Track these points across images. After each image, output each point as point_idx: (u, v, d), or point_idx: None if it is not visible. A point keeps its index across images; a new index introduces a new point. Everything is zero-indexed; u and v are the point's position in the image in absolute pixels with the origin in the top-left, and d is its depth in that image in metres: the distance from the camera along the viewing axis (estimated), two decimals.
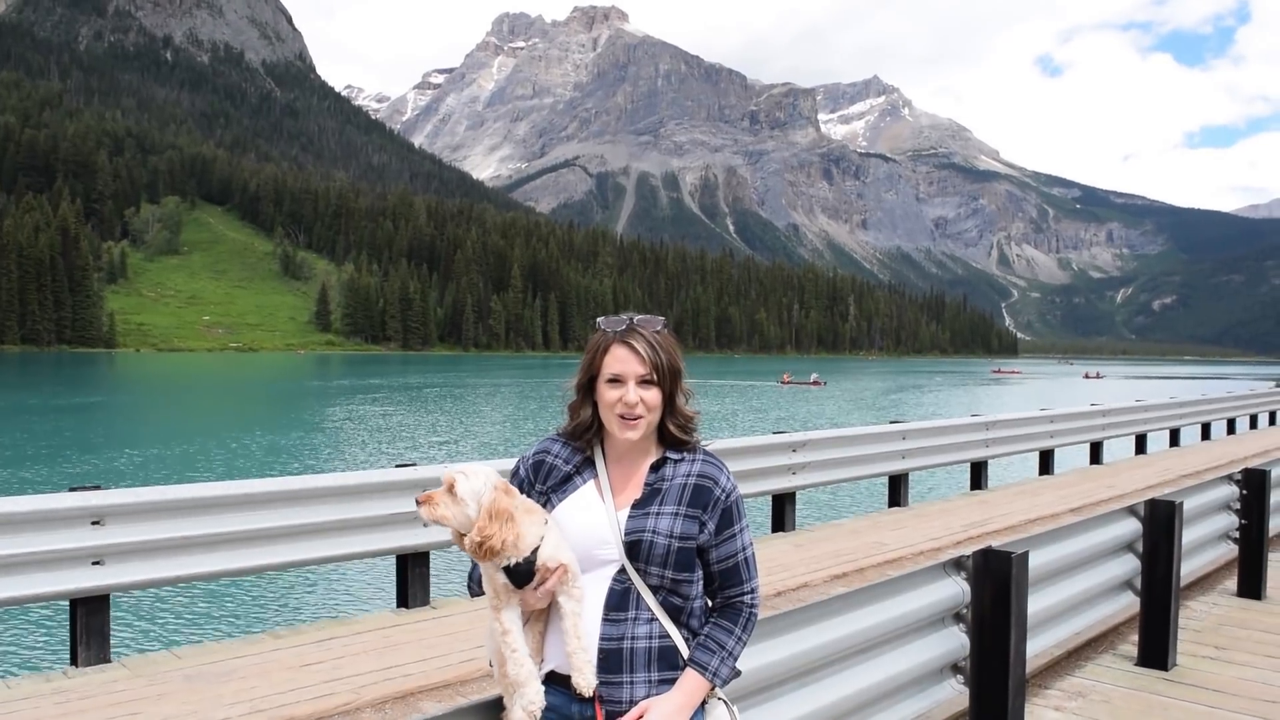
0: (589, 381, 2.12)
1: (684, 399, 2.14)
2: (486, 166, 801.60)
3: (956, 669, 3.96)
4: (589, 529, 2.08)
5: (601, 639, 2.04)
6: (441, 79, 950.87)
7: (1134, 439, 17.55)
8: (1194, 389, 54.52)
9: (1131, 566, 5.44)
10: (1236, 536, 6.82)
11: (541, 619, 2.09)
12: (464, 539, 1.99)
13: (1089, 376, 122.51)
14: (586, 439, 2.16)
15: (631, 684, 2.04)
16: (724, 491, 2.11)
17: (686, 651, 2.08)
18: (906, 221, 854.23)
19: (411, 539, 6.43)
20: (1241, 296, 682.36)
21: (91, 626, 5.22)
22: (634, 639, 2.04)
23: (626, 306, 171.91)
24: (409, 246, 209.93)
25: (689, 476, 2.11)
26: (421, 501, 2.00)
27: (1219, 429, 22.27)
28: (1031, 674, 4.76)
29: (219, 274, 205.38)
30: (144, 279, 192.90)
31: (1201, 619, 6.23)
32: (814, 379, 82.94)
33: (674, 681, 2.06)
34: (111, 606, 5.40)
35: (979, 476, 12.63)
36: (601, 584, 2.06)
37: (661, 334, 2.10)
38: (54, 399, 47.96)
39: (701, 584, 2.13)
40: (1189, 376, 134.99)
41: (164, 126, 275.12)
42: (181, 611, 10.30)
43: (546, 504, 2.12)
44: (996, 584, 3.82)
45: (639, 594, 2.05)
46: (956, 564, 3.94)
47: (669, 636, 2.06)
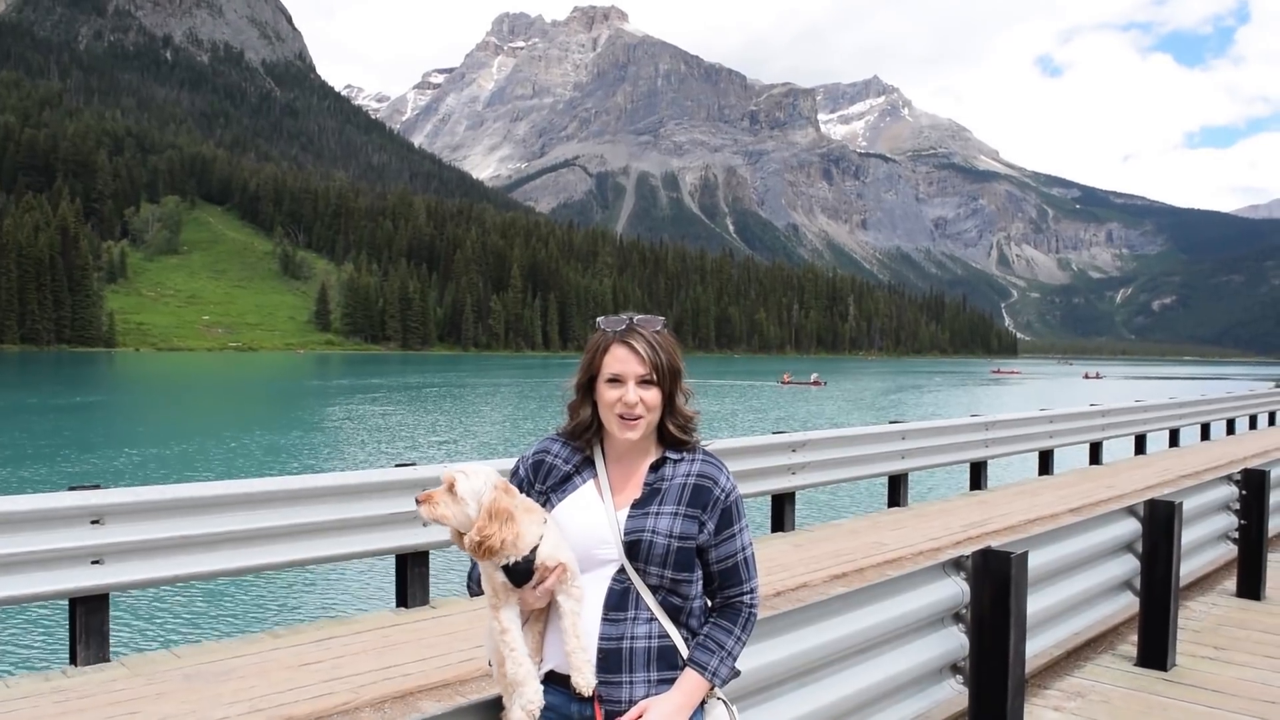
0: (589, 381, 2.12)
1: (684, 399, 2.14)
2: (486, 166, 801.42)
3: (956, 669, 3.97)
4: (588, 528, 2.08)
5: (601, 639, 2.04)
6: (441, 79, 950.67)
7: (1133, 439, 17.56)
8: (1193, 389, 54.53)
9: (1131, 567, 5.44)
10: (1236, 537, 6.82)
11: (541, 618, 2.09)
12: (463, 538, 1.99)
13: (1089, 377, 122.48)
14: (586, 439, 2.16)
15: (631, 684, 2.04)
16: (724, 491, 2.11)
17: (686, 651, 2.08)
18: (906, 222, 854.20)
19: (411, 539, 6.43)
20: (1241, 297, 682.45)
21: (91, 626, 5.22)
22: (633, 639, 2.04)
23: (626, 306, 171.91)
24: (409, 246, 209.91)
25: (689, 476, 2.11)
26: (421, 501, 2.00)
27: (1218, 429, 22.29)
28: (1031, 674, 4.76)
29: (218, 274, 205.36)
30: (143, 278, 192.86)
31: (1201, 619, 6.23)
32: (814, 379, 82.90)
33: (673, 681, 2.06)
34: (111, 606, 5.40)
35: (978, 477, 12.63)
36: (601, 583, 2.06)
37: (661, 334, 2.10)
38: (53, 398, 47.94)
39: (701, 584, 2.12)
40: (1188, 377, 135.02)
41: (164, 126, 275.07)
42: (180, 611, 10.30)
43: (546, 503, 2.12)
44: (996, 584, 3.82)
45: (638, 594, 2.05)
46: (956, 564, 3.94)
47: (668, 636, 2.06)
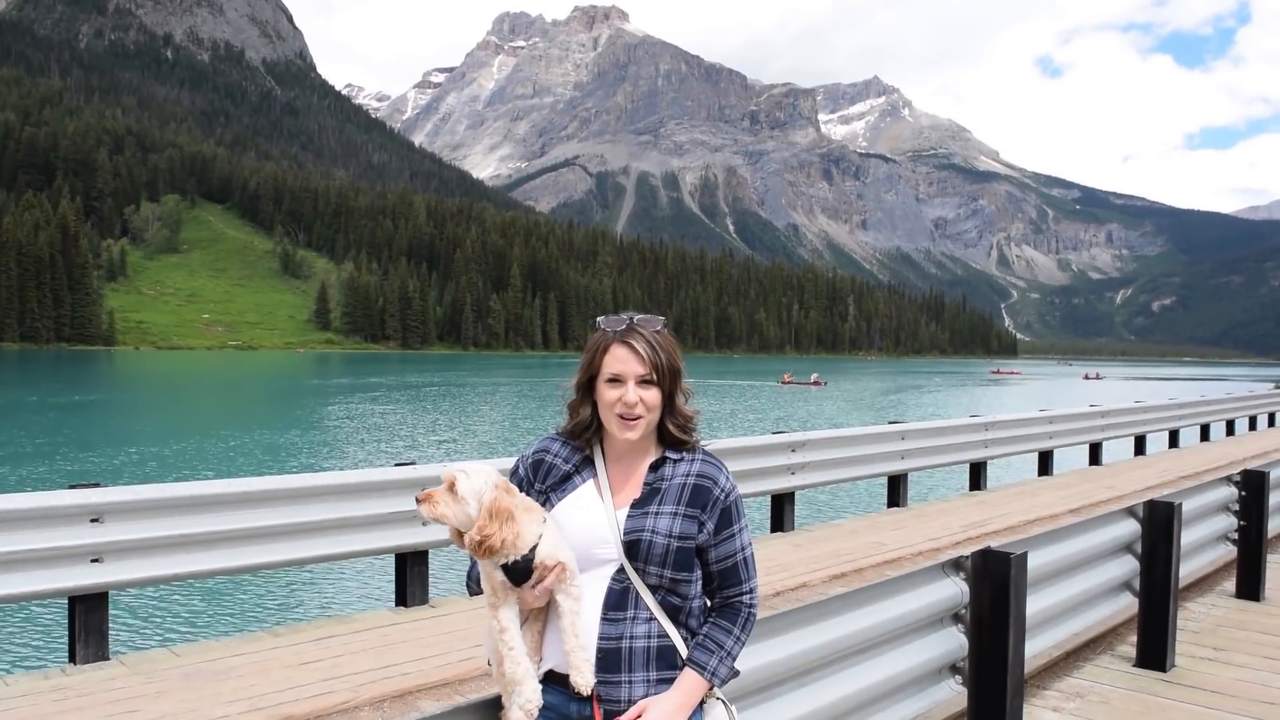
0: (588, 381, 2.12)
1: (683, 399, 2.14)
2: (486, 166, 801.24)
3: (955, 669, 3.96)
4: (588, 528, 2.08)
5: (600, 638, 2.04)
6: (442, 78, 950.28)
7: (1133, 440, 17.56)
8: (1193, 390, 54.54)
9: (1130, 567, 5.44)
10: (1235, 538, 6.81)
11: (540, 618, 2.09)
12: (464, 537, 1.99)
13: (1088, 377, 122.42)
14: (586, 438, 2.16)
15: (630, 683, 2.04)
16: (723, 491, 2.11)
17: (685, 651, 2.08)
18: (906, 222, 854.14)
19: (410, 538, 6.43)
20: (1241, 298, 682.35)
21: (90, 624, 5.22)
22: (632, 638, 2.04)
23: (626, 306, 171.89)
24: (408, 245, 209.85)
25: (688, 476, 2.11)
26: (422, 500, 2.00)
27: (1218, 430, 22.29)
28: (1030, 675, 4.76)
29: (218, 272, 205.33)
30: (143, 277, 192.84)
31: (1200, 620, 6.23)
32: (814, 379, 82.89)
33: (672, 681, 2.06)
34: (110, 604, 5.40)
35: (978, 477, 12.63)
36: (600, 583, 2.06)
37: (661, 334, 2.10)
38: (53, 397, 47.93)
39: (700, 584, 2.12)
40: (1188, 378, 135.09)
41: (164, 125, 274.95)
42: (180, 609, 10.30)
43: (545, 503, 2.12)
44: (995, 585, 3.82)
45: (638, 593, 2.05)
46: (955, 564, 3.94)
47: (667, 636, 2.06)
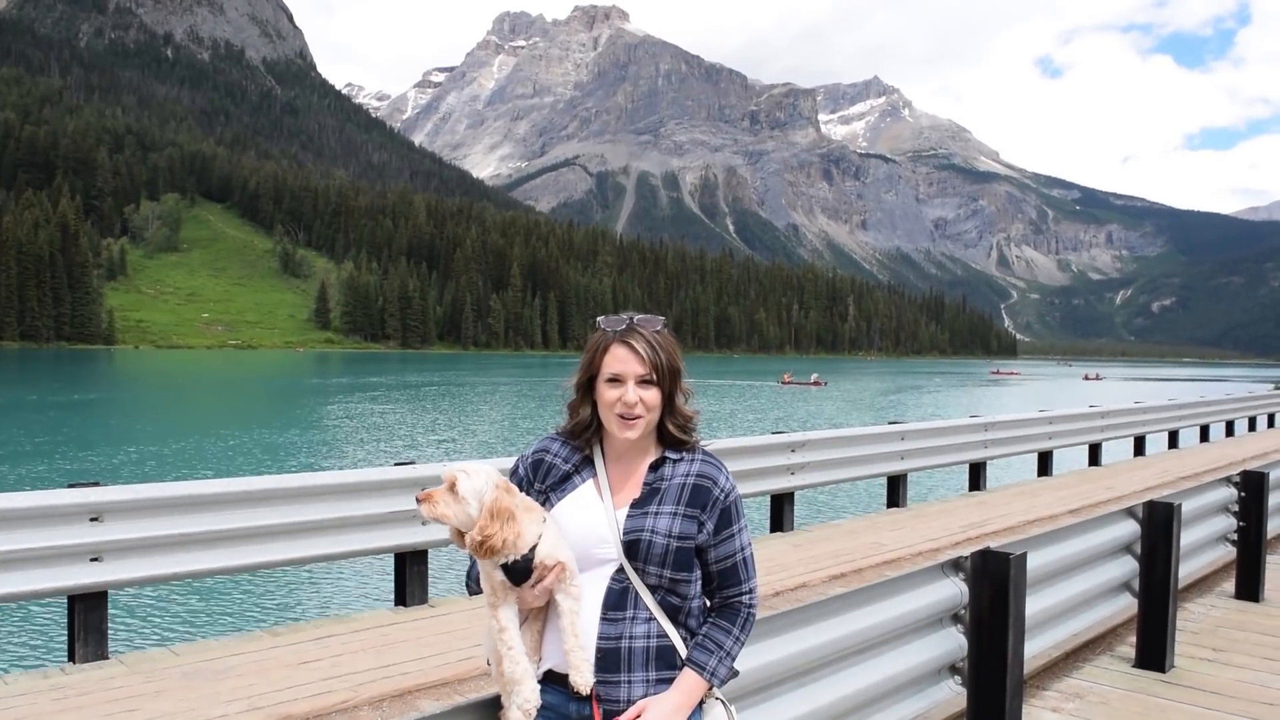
0: (588, 381, 2.12)
1: (683, 399, 2.14)
2: (486, 165, 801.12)
3: (954, 670, 3.96)
4: (588, 528, 2.08)
5: (599, 638, 2.04)
6: (442, 77, 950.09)
7: (1133, 441, 17.56)
8: (1193, 391, 54.55)
9: (1130, 568, 5.44)
10: (1234, 539, 6.81)
11: (540, 617, 2.09)
12: (464, 537, 1.99)
13: (1088, 378, 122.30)
14: (586, 438, 2.16)
15: (629, 683, 2.04)
16: (723, 491, 2.11)
17: (684, 651, 2.08)
18: (906, 222, 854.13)
19: (410, 537, 6.43)
20: (1241, 299, 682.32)
21: (89, 623, 5.21)
22: (632, 638, 2.04)
23: (626, 306, 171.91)
24: (408, 245, 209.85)
25: (688, 476, 2.11)
26: (422, 499, 1.99)
27: (1217, 431, 22.28)
28: (1029, 675, 4.76)
29: (218, 271, 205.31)
30: (143, 276, 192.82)
31: (1199, 621, 6.24)
32: (814, 379, 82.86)
33: (672, 681, 2.06)
34: (109, 603, 5.40)
35: (977, 477, 12.63)
36: (600, 583, 2.06)
37: (661, 334, 2.10)
38: (53, 395, 47.92)
39: (700, 584, 2.12)
40: (1188, 379, 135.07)
41: (164, 124, 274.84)
42: (179, 609, 10.30)
43: (545, 502, 2.12)
44: (995, 585, 3.82)
45: (637, 593, 2.05)
46: (955, 565, 3.94)
47: (667, 636, 2.06)
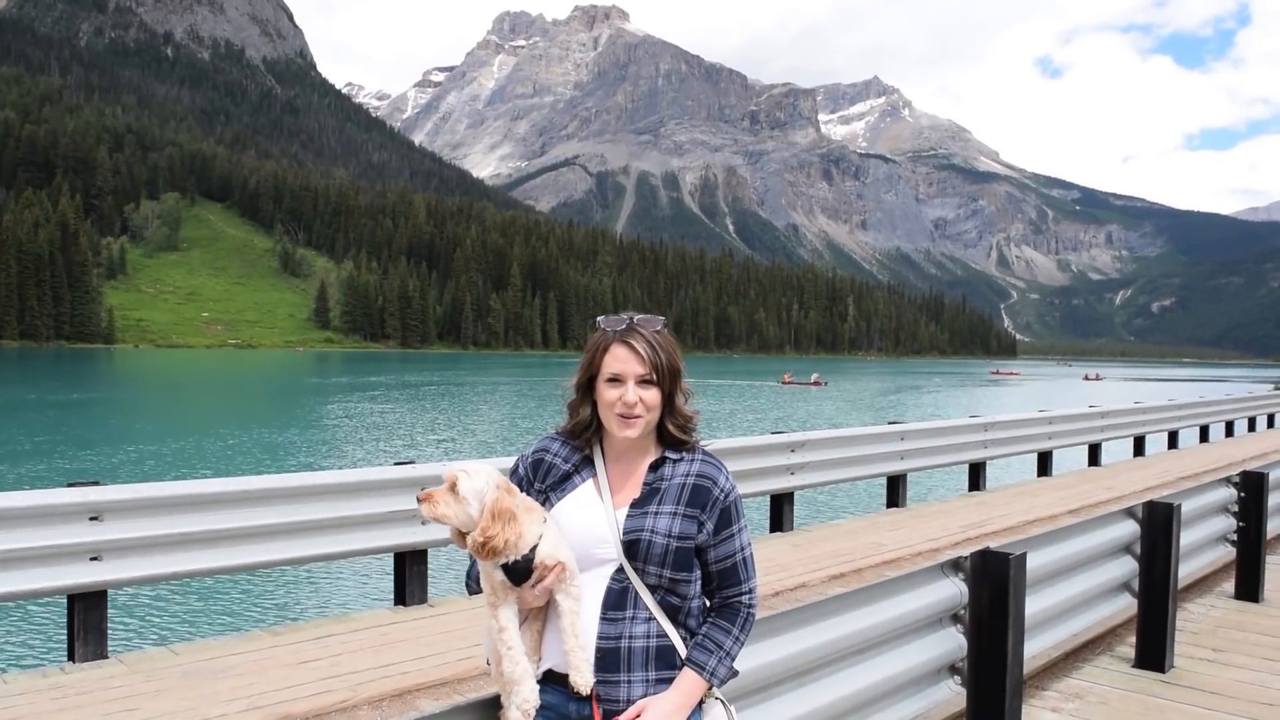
0: (588, 381, 2.12)
1: (683, 399, 2.14)
2: (486, 165, 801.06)
3: (954, 670, 3.96)
4: (587, 528, 2.08)
5: (599, 638, 2.04)
6: (442, 77, 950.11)
7: (1132, 441, 17.56)
8: (1192, 391, 54.55)
9: (1129, 568, 5.44)
10: (1234, 539, 6.81)
11: (540, 617, 2.09)
12: (465, 537, 1.99)
13: (1088, 378, 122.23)
14: (586, 438, 2.16)
15: (629, 683, 2.04)
16: (723, 491, 2.11)
17: (684, 651, 2.08)
18: (906, 222, 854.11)
19: (409, 537, 6.42)
20: (1240, 299, 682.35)
21: (89, 622, 5.21)
22: (631, 638, 2.04)
23: (626, 306, 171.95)
24: (408, 244, 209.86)
25: (688, 476, 2.11)
26: (423, 499, 1.99)
27: (1217, 431, 22.27)
28: (1029, 675, 4.76)
29: (218, 270, 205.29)
30: (143, 275, 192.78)
31: (1199, 621, 6.24)
32: (815, 379, 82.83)
33: (671, 681, 2.06)
34: (109, 603, 5.40)
35: (977, 477, 12.63)
36: (599, 583, 2.06)
37: (661, 334, 2.10)
38: (52, 394, 47.91)
39: (699, 584, 2.12)
40: (1187, 379, 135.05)
41: (164, 123, 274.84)
42: (179, 608, 10.29)
43: (545, 502, 2.12)
44: (994, 585, 3.82)
45: (637, 593, 2.05)
46: (954, 565, 3.94)
47: (666, 636, 2.06)
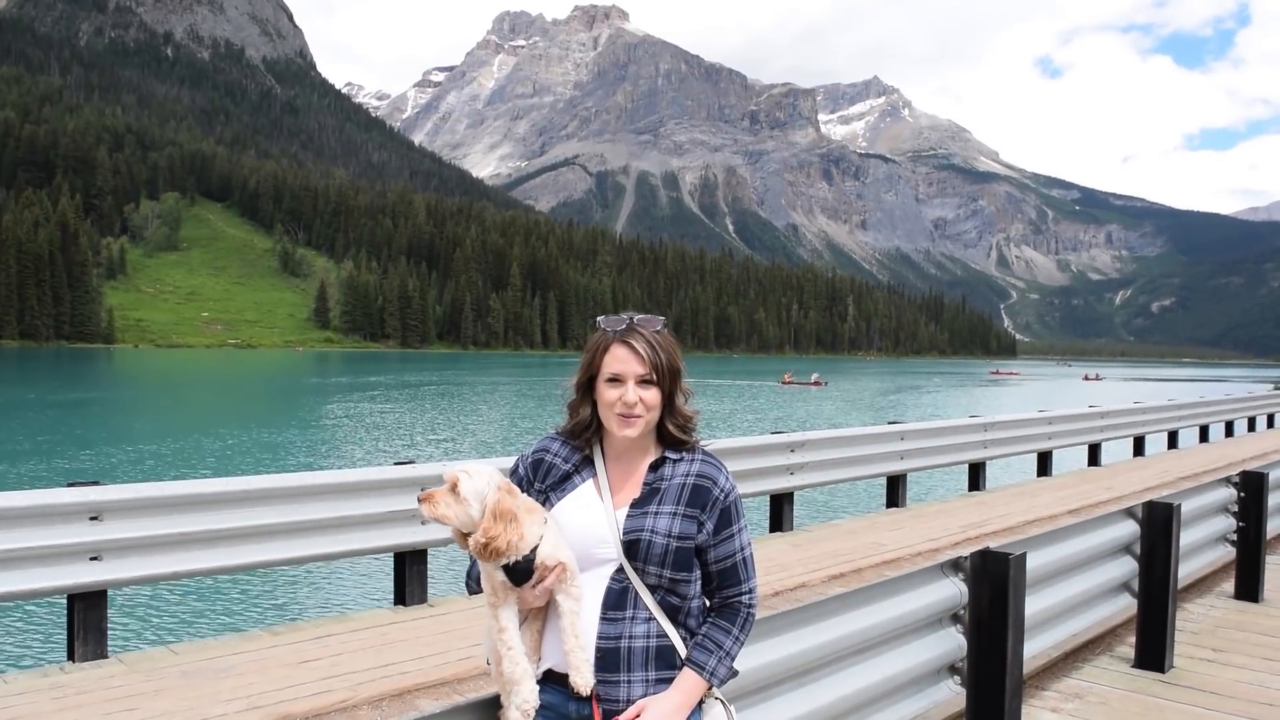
0: (588, 381, 2.12)
1: (683, 399, 2.14)
2: (486, 165, 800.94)
3: (954, 670, 3.96)
4: (587, 528, 2.08)
5: (599, 638, 2.04)
6: (442, 77, 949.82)
7: (1132, 441, 17.56)
8: (1192, 391, 54.54)
9: (1129, 568, 5.44)
10: (1234, 539, 6.81)
11: (540, 617, 2.09)
12: (465, 538, 1.99)
13: (1088, 378, 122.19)
14: (586, 438, 2.16)
15: (629, 683, 2.04)
16: (723, 491, 2.11)
17: (684, 651, 2.08)
18: (906, 222, 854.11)
19: (409, 536, 6.42)
20: (1240, 299, 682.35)
21: (89, 622, 5.21)
22: (631, 638, 2.04)
23: (625, 306, 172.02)
24: (408, 244, 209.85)
25: (688, 476, 2.11)
26: (423, 499, 1.99)
27: (1217, 431, 22.27)
28: (1029, 675, 4.76)
29: (218, 270, 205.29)
30: (143, 275, 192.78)
31: (1199, 621, 6.24)
32: (815, 379, 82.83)
33: (671, 681, 2.06)
34: (109, 602, 5.40)
35: (977, 478, 12.63)
36: (599, 583, 2.06)
37: (661, 334, 2.11)
38: (52, 394, 47.91)
39: (699, 584, 2.12)
40: (1187, 379, 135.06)
41: (164, 123, 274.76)
42: (179, 608, 10.29)
43: (545, 502, 2.12)
44: (994, 585, 3.82)
45: (637, 593, 2.05)
46: (954, 565, 3.94)
47: (666, 636, 2.06)
